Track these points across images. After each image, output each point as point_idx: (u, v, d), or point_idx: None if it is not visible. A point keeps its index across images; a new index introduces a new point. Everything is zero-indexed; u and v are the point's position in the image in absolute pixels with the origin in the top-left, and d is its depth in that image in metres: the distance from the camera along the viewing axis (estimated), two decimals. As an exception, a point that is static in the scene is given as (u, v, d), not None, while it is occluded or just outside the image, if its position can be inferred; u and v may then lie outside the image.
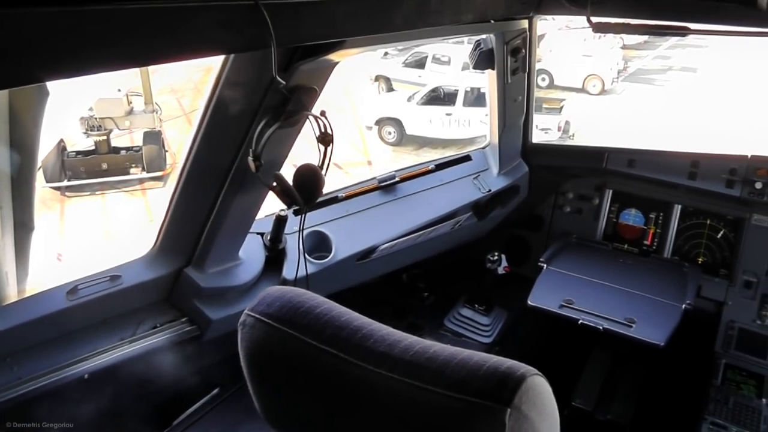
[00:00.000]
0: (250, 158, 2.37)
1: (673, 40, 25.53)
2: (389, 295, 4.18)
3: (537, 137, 4.39)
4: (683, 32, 3.01)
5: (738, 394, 3.62)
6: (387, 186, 3.67)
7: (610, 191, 4.36)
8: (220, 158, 2.58)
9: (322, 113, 2.43)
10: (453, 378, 1.29)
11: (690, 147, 4.18)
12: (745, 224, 4.00)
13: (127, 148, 13.84)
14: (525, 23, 3.48)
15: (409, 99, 18.04)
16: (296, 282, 3.02)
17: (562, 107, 17.63)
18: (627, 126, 17.14)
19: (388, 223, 3.56)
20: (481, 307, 4.02)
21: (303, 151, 2.84)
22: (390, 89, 20.57)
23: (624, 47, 24.73)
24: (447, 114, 17.24)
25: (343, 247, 3.30)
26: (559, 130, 16.66)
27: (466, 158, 4.08)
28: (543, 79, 21.89)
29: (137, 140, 14.04)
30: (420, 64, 20.15)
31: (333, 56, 2.35)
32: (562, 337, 4.57)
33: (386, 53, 22.23)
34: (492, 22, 3.16)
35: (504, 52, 3.46)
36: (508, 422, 1.23)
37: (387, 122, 17.94)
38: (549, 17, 3.49)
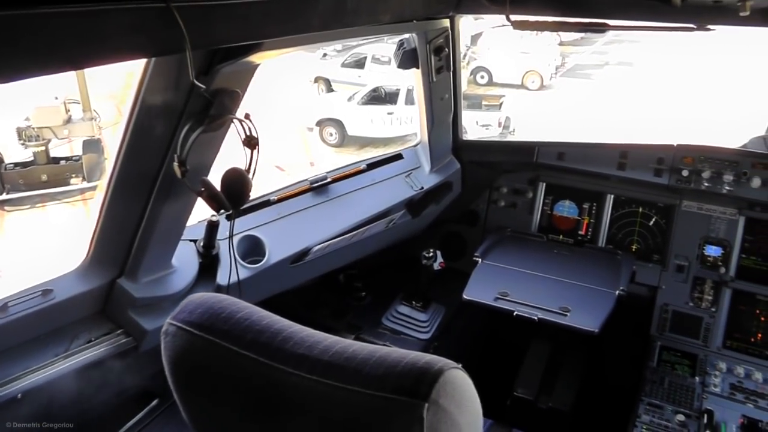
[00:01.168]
0: (175, 164, 2.34)
1: (608, 36, 26.29)
2: (327, 296, 4.17)
3: (478, 134, 4.45)
4: (602, 29, 3.10)
5: (673, 374, 3.76)
6: (319, 187, 3.66)
7: (544, 184, 4.45)
8: (146, 165, 2.54)
9: (246, 116, 2.42)
10: (371, 376, 1.30)
11: (620, 138, 4.32)
12: (675, 211, 4.13)
13: (67, 158, 13.40)
14: (446, 22, 3.51)
15: (350, 99, 18.06)
16: (229, 288, 3.00)
17: (501, 104, 17.86)
18: (565, 120, 17.54)
19: (321, 224, 3.55)
20: (419, 303, 4.04)
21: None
22: (330, 90, 20.58)
23: (561, 44, 25.32)
24: (389, 113, 17.31)
25: (276, 251, 3.28)
26: (499, 126, 16.89)
27: (398, 157, 4.10)
28: (482, 77, 22.27)
29: (77, 149, 13.64)
30: (359, 64, 20.21)
31: (253, 58, 2.32)
32: (501, 329, 4.63)
33: (325, 54, 22.21)
34: (413, 21, 3.19)
35: (427, 51, 3.49)
36: (427, 417, 1.24)
37: (328, 123, 17.92)
38: (471, 16, 3.52)
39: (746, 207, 3.97)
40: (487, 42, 22.77)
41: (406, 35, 3.49)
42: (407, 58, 3.54)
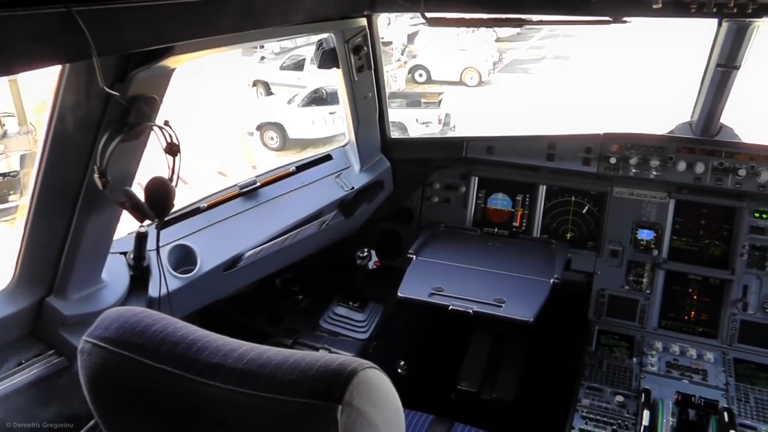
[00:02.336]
0: (96, 175, 2.28)
1: (545, 31, 26.83)
2: (264, 301, 4.13)
3: (419, 131, 4.47)
4: (518, 24, 3.15)
5: (611, 356, 3.85)
6: (249, 192, 3.61)
7: (476, 178, 4.50)
8: (68, 178, 2.46)
9: (166, 123, 2.38)
10: (285, 381, 1.29)
11: (549, 130, 4.37)
12: (607, 198, 4.24)
13: (4, 174, 12.93)
14: (363, 21, 3.51)
15: (290, 102, 17.90)
16: (160, 300, 2.93)
17: (440, 100, 17.99)
18: (504, 114, 17.79)
19: (252, 229, 3.50)
20: (356, 304, 4.03)
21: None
22: (269, 93, 20.36)
23: (498, 40, 25.68)
24: (330, 113, 17.20)
25: (208, 259, 3.22)
26: (439, 122, 17.02)
27: (327, 158, 4.07)
28: (420, 75, 22.43)
29: (14, 164, 13.17)
30: (298, 66, 20.04)
31: (167, 63, 2.28)
32: (442, 323, 4.67)
33: (263, 58, 21.99)
34: (328, 21, 3.18)
35: (346, 50, 3.49)
36: (341, 419, 1.24)
37: (268, 127, 17.75)
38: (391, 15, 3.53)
39: (675, 190, 4.09)
40: (423, 40, 22.95)
41: (324, 35, 3.47)
42: (327, 58, 3.53)
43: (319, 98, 17.66)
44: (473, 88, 22.28)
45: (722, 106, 3.78)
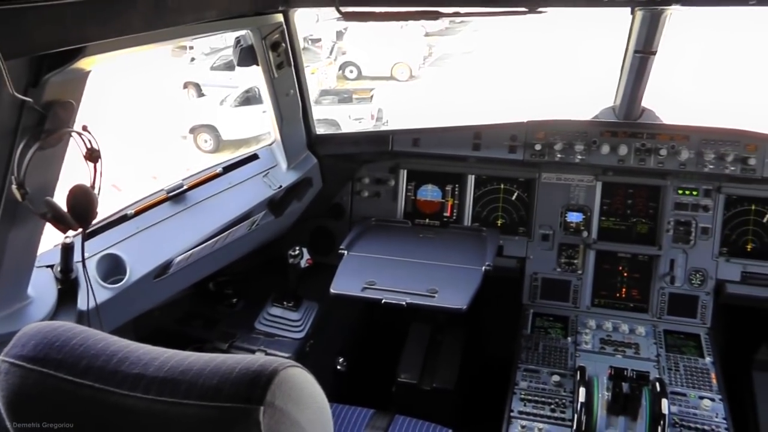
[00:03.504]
0: (14, 186, 2.18)
1: (473, 24, 27.22)
2: (199, 306, 4.05)
3: (352, 127, 4.43)
4: (434, 17, 3.17)
5: (547, 338, 3.96)
6: (176, 195, 3.52)
7: (405, 171, 4.51)
8: None
9: (84, 128, 2.30)
10: (206, 387, 1.28)
11: (473, 120, 4.41)
12: (535, 183, 4.32)
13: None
14: (280, 17, 3.46)
15: (222, 102, 17.68)
16: (89, 313, 2.83)
17: (372, 96, 18.06)
18: (434, 106, 17.99)
19: (182, 233, 3.41)
20: (290, 303, 3.99)
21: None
22: (201, 95, 20.04)
23: (427, 34, 25.97)
24: (263, 111, 16.97)
25: (138, 267, 3.11)
26: (372, 118, 17.09)
27: (254, 157, 4.01)
28: (351, 71, 22.51)
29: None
30: (229, 66, 19.72)
31: (80, 65, 2.19)
32: (379, 317, 4.68)
33: (193, 59, 21.60)
34: (243, 17, 3.12)
35: (264, 47, 3.44)
36: (263, 420, 1.23)
37: (201, 130, 17.50)
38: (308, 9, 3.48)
39: (601, 173, 4.21)
40: (353, 37, 22.97)
41: (242, 32, 3.41)
42: (245, 56, 3.46)
43: (251, 97, 17.48)
44: (404, 82, 22.48)
45: (642, 90, 3.88)
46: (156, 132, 17.32)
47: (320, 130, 4.40)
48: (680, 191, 4.13)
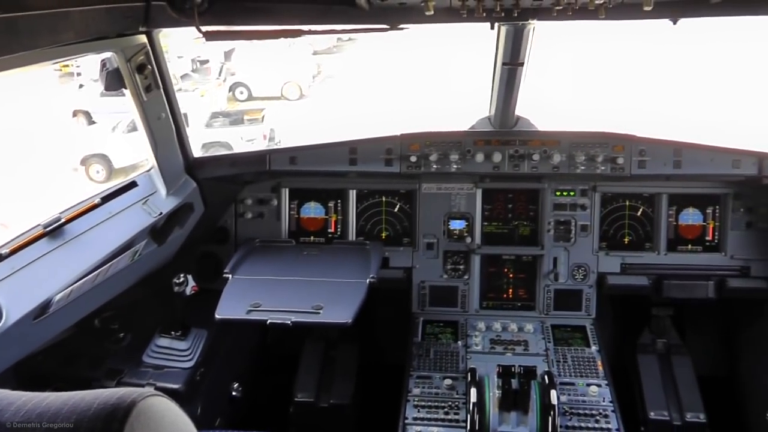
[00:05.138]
0: None
1: (361, 42, 27.53)
2: (84, 345, 3.86)
3: (245, 149, 4.31)
4: (297, 34, 3.19)
5: (438, 344, 4.05)
6: (54, 230, 3.32)
7: (286, 190, 4.52)
8: None
9: None
10: (64, 429, 1.24)
11: (348, 136, 4.43)
12: (416, 194, 4.41)
13: None
14: (144, 38, 3.36)
15: (113, 129, 17.02)
16: None
17: (263, 117, 17.91)
18: (324, 123, 18.03)
19: (60, 269, 3.24)
20: (178, 333, 3.89)
21: None
22: (91, 122, 19.20)
23: (315, 53, 26.04)
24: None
25: (14, 309, 2.93)
26: (264, 138, 16.95)
27: (132, 185, 3.85)
28: (241, 92, 22.29)
29: None
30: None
31: None
32: (272, 339, 4.63)
33: (81, 85, 20.68)
34: (104, 39, 3.01)
35: (129, 70, 3.32)
36: None
37: (93, 159, 16.80)
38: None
39: (479, 180, 4.35)
40: (241, 57, 22.73)
41: (107, 54, 3.28)
42: (112, 80, 3.33)
43: (144, 122, 16.88)
44: (295, 101, 22.44)
45: (515, 99, 4.00)
46: (42, 167, 16.47)
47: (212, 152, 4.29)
48: (558, 193, 4.34)
